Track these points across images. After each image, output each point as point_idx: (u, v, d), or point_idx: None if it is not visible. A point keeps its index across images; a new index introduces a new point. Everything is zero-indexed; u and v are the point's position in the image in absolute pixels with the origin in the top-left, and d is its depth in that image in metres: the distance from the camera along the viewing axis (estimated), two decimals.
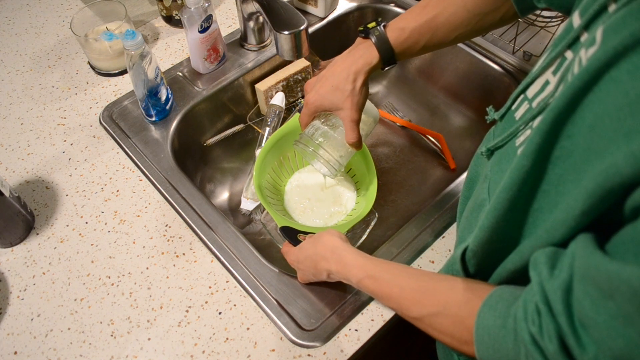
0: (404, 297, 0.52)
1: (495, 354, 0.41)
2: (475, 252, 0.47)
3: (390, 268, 0.55)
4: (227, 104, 0.97)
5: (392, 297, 0.53)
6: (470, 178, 0.59)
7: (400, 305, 0.52)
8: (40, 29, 1.05)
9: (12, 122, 0.89)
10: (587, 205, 0.33)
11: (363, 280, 0.56)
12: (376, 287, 0.55)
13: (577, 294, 0.33)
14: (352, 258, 0.58)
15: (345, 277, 0.59)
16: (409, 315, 0.51)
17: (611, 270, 0.30)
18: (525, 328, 0.37)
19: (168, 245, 0.73)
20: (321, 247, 0.61)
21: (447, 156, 1.00)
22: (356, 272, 0.57)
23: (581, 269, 0.33)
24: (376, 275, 0.55)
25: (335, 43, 1.07)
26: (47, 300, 0.68)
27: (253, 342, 0.64)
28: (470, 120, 1.05)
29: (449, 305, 0.47)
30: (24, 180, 0.81)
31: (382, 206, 0.94)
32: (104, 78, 0.95)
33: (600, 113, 0.31)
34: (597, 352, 0.32)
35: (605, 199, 0.32)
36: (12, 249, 0.73)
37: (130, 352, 0.64)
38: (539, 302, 0.36)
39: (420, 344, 0.99)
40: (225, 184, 0.99)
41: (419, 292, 0.51)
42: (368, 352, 0.66)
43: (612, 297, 0.30)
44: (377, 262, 0.57)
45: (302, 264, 0.64)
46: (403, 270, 0.55)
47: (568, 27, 0.42)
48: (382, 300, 0.55)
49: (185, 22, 0.86)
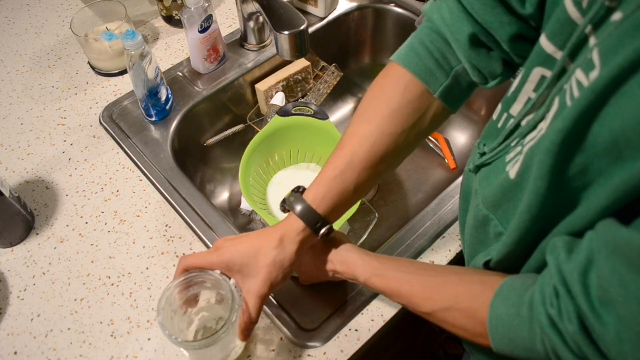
0: (414, 293, 0.52)
1: (511, 344, 0.42)
2: (500, 262, 0.48)
3: (396, 264, 0.55)
4: (227, 104, 0.96)
5: (401, 294, 0.53)
6: (464, 191, 0.59)
7: (410, 301, 0.52)
8: (40, 29, 1.05)
9: (12, 122, 0.89)
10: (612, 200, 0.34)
11: (370, 278, 0.55)
12: (384, 284, 0.54)
13: (600, 271, 0.34)
14: (356, 257, 0.58)
15: (352, 276, 0.58)
16: (420, 310, 0.51)
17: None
18: (543, 311, 0.38)
19: (168, 245, 0.73)
20: (321, 249, 0.61)
21: (447, 156, 1.00)
22: (362, 271, 0.56)
23: (609, 246, 0.34)
24: (383, 273, 0.55)
25: (335, 43, 1.07)
26: (47, 300, 0.68)
27: (253, 342, 0.64)
28: (470, 120, 1.05)
29: (460, 299, 0.47)
30: (24, 180, 0.81)
31: (382, 206, 0.94)
32: (104, 78, 0.95)
33: (620, 127, 0.32)
34: (620, 329, 0.33)
35: (630, 194, 0.33)
36: (12, 249, 0.73)
37: (130, 352, 0.64)
38: (557, 284, 0.37)
39: (420, 343, 1.00)
40: (225, 184, 0.99)
41: (428, 288, 0.51)
42: (368, 352, 0.66)
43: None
44: (382, 259, 0.57)
45: (304, 267, 0.63)
46: (410, 266, 0.54)
47: (537, 50, 0.43)
48: (391, 297, 0.55)
49: (185, 22, 0.86)
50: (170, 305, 0.56)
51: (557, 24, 0.40)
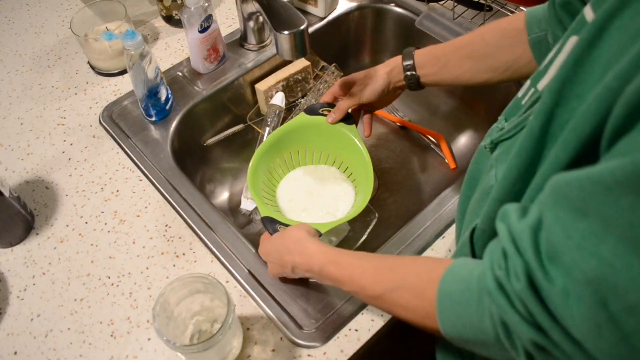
0: (365, 277, 0.51)
1: (458, 321, 0.40)
2: (484, 230, 0.47)
3: (354, 253, 0.55)
4: (227, 104, 0.96)
5: (353, 279, 0.52)
6: (471, 176, 0.58)
7: (361, 286, 0.51)
8: (40, 29, 1.05)
9: (11, 122, 0.89)
10: (569, 154, 0.34)
11: (325, 266, 0.55)
12: (338, 271, 0.54)
13: (547, 225, 0.33)
14: (315, 248, 0.58)
15: (308, 268, 0.58)
16: (370, 294, 0.50)
17: (582, 177, 0.30)
18: (490, 275, 0.37)
19: (168, 245, 0.73)
20: (287, 240, 0.61)
21: (447, 156, 1.00)
22: (319, 260, 0.56)
23: (553, 195, 0.33)
24: (338, 260, 0.55)
25: (335, 43, 1.07)
26: (47, 301, 0.68)
27: (253, 341, 0.64)
28: (470, 120, 1.05)
29: (409, 277, 0.46)
30: (24, 180, 0.81)
31: (382, 206, 0.94)
32: (104, 78, 0.95)
33: (608, 59, 0.32)
34: (566, 281, 0.32)
35: (595, 129, 0.32)
36: (11, 249, 0.73)
37: (130, 352, 0.64)
38: (505, 245, 0.36)
39: (420, 344, 0.99)
40: (225, 184, 0.99)
41: (379, 269, 0.50)
42: (368, 352, 0.66)
43: (584, 213, 0.30)
44: (341, 250, 0.57)
45: (270, 256, 0.64)
46: (368, 255, 0.54)
47: (579, 18, 0.41)
48: (344, 286, 0.55)
49: (185, 22, 0.86)
50: (164, 311, 0.56)
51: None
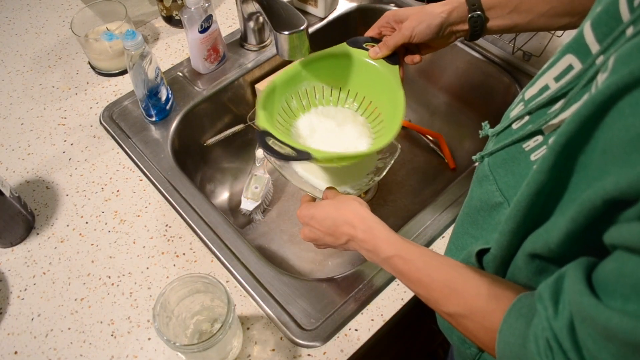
0: (433, 288, 0.51)
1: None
2: (496, 256, 0.48)
3: (420, 253, 0.54)
4: (227, 104, 0.97)
5: (421, 284, 0.52)
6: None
7: (428, 295, 0.52)
8: (41, 29, 1.05)
9: (12, 122, 0.89)
10: (575, 214, 0.34)
11: (393, 258, 0.54)
12: (406, 269, 0.54)
13: (580, 334, 0.35)
14: (383, 232, 0.56)
15: (371, 249, 0.56)
16: (438, 308, 0.52)
17: (603, 319, 0.32)
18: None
19: (168, 245, 0.73)
20: (347, 212, 0.59)
21: (447, 156, 1.00)
22: (386, 248, 0.55)
23: (579, 313, 0.35)
24: (407, 257, 0.54)
25: (335, 43, 1.07)
26: (48, 300, 0.68)
27: (253, 341, 0.64)
28: (470, 120, 1.05)
29: (475, 312, 0.48)
30: (24, 180, 0.81)
31: (382, 206, 0.94)
32: (104, 78, 0.95)
33: (610, 140, 0.32)
34: None
35: (591, 213, 0.33)
36: (12, 249, 0.73)
37: (130, 352, 0.64)
38: (549, 338, 0.38)
39: (420, 343, 1.00)
40: (225, 184, 0.99)
41: (447, 289, 0.50)
42: (368, 352, 0.66)
43: (609, 339, 0.32)
44: (407, 243, 0.55)
45: (318, 223, 0.61)
46: (434, 258, 0.53)
47: (577, 37, 0.42)
48: (408, 284, 0.54)
49: (185, 22, 0.86)
50: (165, 311, 0.56)
51: (604, 15, 0.38)
